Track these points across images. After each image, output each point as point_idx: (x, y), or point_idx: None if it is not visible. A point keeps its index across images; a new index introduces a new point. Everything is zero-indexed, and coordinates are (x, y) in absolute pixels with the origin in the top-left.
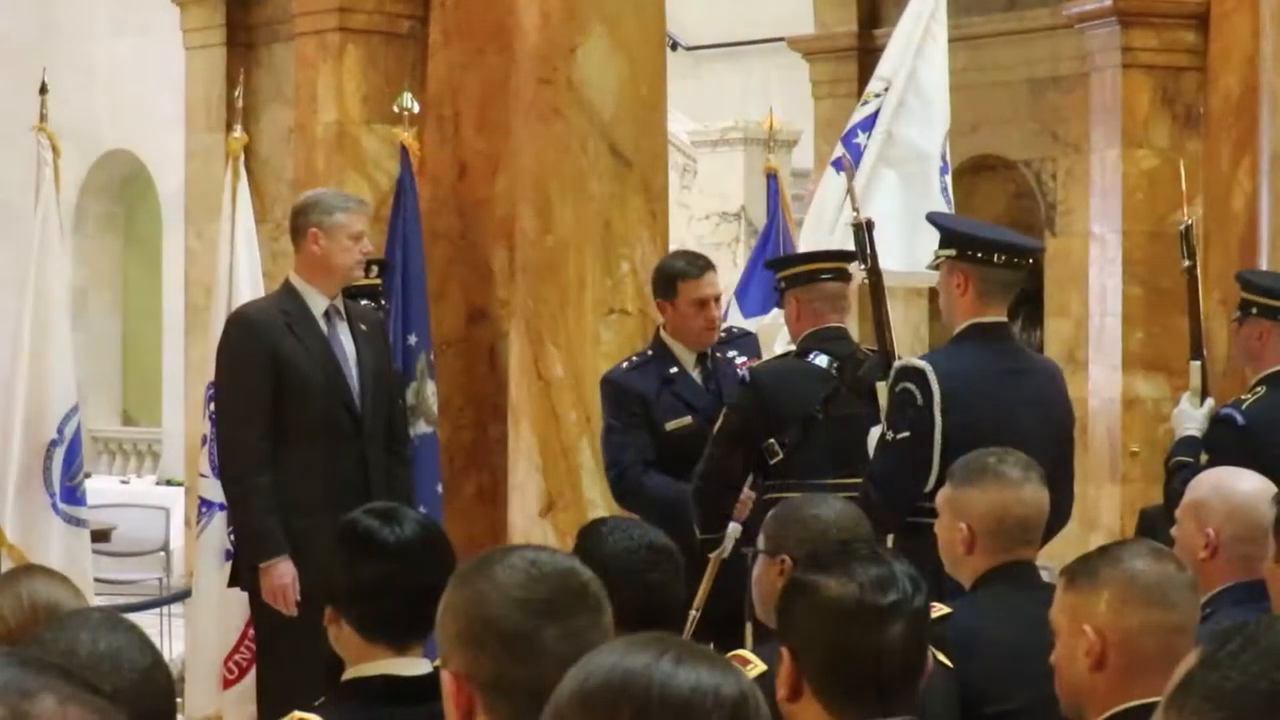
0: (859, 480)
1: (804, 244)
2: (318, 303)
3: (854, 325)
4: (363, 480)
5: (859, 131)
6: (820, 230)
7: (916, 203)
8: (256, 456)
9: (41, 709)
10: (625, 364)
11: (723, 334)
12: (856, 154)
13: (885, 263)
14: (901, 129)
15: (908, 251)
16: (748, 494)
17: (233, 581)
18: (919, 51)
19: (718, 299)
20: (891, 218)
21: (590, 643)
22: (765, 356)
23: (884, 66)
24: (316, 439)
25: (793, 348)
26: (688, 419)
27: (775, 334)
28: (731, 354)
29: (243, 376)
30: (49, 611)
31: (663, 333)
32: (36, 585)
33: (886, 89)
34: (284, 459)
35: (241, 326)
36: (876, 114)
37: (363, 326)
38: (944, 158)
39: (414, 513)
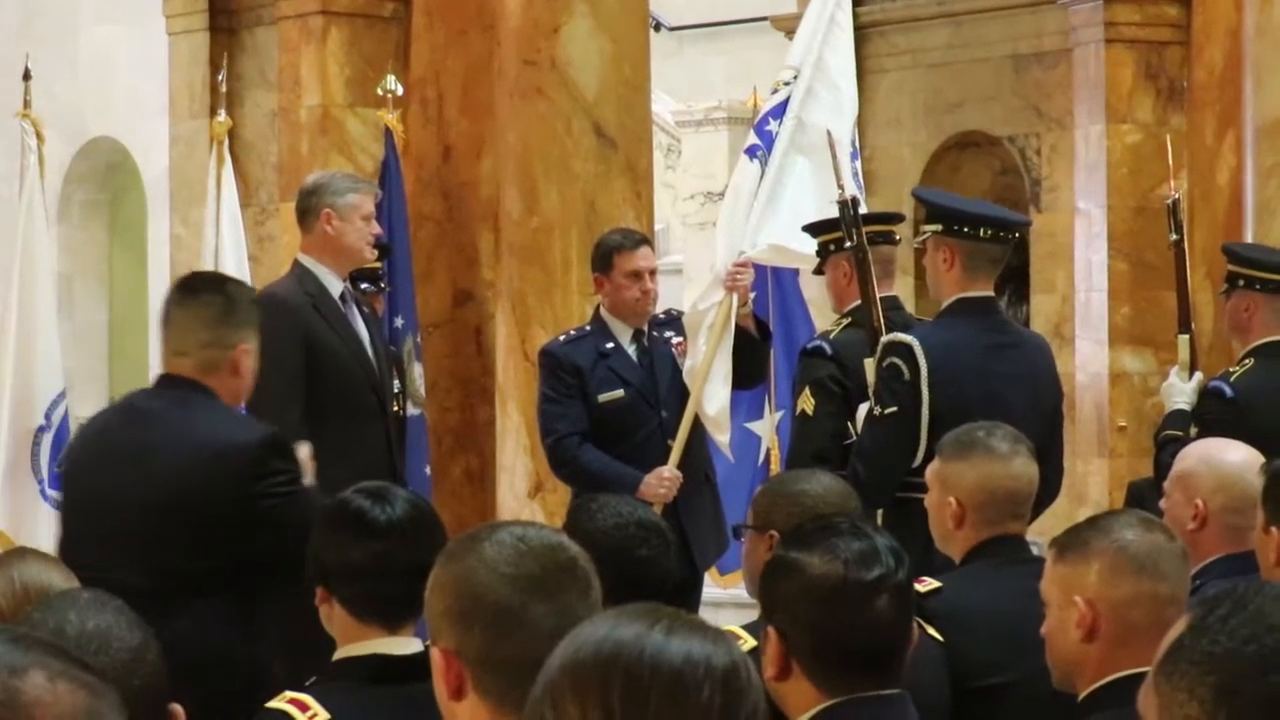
0: None
1: (721, 232)
2: (334, 284)
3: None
4: (389, 461)
5: (770, 119)
6: (736, 218)
7: (828, 187)
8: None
9: (31, 685)
10: (563, 337)
11: (661, 315)
12: (769, 141)
13: (801, 246)
14: (811, 116)
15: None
16: None
17: None
18: (825, 39)
19: (653, 273)
20: (804, 202)
21: (579, 618)
22: (694, 344)
23: (792, 55)
24: (347, 421)
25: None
26: (620, 392)
27: (700, 321)
28: (669, 334)
29: (281, 357)
30: (40, 594)
31: (602, 310)
32: (28, 568)
33: (796, 77)
34: (317, 442)
35: (275, 306)
36: (787, 101)
37: (364, 309)
38: (853, 143)
39: (405, 492)
